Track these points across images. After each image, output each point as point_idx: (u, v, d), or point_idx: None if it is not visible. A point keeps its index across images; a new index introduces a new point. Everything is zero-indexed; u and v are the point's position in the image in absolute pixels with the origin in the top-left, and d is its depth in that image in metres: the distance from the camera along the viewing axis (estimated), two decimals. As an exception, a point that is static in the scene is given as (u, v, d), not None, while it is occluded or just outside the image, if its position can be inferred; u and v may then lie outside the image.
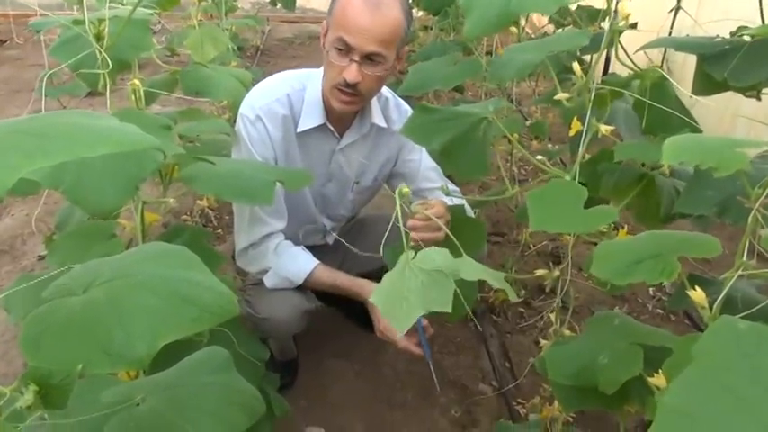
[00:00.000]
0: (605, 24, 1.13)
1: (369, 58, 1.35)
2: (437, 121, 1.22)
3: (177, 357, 0.97)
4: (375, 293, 0.85)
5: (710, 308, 0.81)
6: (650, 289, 2.30)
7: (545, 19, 2.72)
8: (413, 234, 1.28)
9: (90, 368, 0.61)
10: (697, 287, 0.83)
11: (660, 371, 0.90)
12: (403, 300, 0.82)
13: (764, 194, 0.70)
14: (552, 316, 1.41)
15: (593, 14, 2.21)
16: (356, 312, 1.98)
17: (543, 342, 1.41)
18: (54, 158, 0.51)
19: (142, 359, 0.62)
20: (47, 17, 1.29)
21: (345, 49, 1.34)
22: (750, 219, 0.72)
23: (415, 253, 0.87)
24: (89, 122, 0.59)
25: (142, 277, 0.70)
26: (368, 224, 1.86)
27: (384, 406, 1.77)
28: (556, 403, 1.55)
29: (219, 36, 2.14)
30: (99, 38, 1.11)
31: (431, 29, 3.20)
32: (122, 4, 1.19)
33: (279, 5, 4.67)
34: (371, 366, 1.91)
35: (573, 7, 2.24)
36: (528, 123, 1.98)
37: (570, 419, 1.51)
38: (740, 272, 0.74)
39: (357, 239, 1.82)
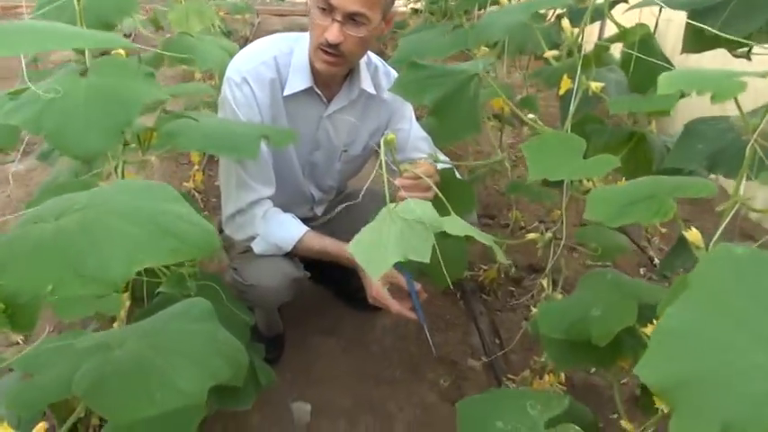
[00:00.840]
0: None
1: (351, 18, 1.32)
2: (427, 77, 1.20)
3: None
4: (353, 243, 0.82)
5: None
6: (641, 269, 2.29)
7: None
8: (401, 193, 1.25)
9: (60, 290, 0.58)
10: (693, 228, 0.81)
11: (654, 321, 0.88)
12: (381, 246, 0.80)
13: (763, 122, 0.68)
14: (544, 282, 1.39)
15: (584, -9, 2.20)
16: (345, 290, 1.96)
17: (534, 311, 1.39)
18: (16, 50, 0.48)
19: (116, 282, 0.59)
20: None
21: (328, 9, 1.32)
22: (748, 150, 0.70)
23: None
24: (60, 26, 0.56)
25: (118, 205, 0.67)
26: (355, 197, 1.83)
27: (371, 382, 1.74)
28: (546, 377, 1.53)
29: (206, 10, 2.10)
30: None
31: (421, 12, 3.18)
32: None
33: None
34: (359, 343, 1.88)
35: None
36: (519, 98, 1.96)
37: (561, 392, 1.48)
38: (738, 204, 0.72)
39: (345, 213, 1.80)
